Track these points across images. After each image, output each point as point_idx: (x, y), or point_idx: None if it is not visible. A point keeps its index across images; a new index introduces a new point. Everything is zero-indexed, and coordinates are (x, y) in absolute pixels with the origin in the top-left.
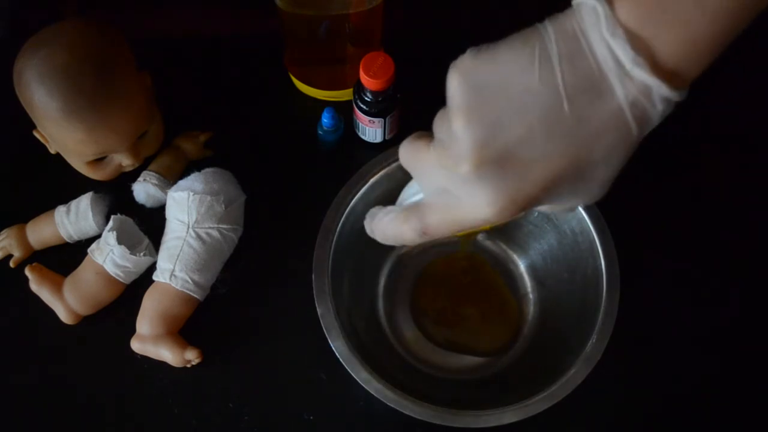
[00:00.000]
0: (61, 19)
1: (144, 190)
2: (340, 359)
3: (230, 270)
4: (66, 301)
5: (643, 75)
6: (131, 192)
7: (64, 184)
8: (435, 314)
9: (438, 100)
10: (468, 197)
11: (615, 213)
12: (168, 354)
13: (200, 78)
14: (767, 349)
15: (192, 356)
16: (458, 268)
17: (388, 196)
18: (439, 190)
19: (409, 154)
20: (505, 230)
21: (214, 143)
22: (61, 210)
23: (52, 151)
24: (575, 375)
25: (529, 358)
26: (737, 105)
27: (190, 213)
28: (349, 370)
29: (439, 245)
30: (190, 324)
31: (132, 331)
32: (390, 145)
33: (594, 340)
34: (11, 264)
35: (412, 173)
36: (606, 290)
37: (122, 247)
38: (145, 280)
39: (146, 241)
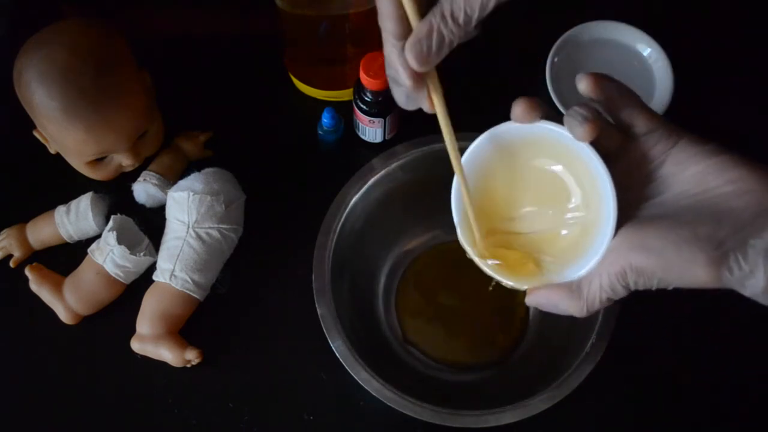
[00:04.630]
0: (61, 18)
1: (144, 190)
2: (340, 359)
3: (230, 270)
4: (66, 301)
5: None
6: (131, 192)
7: (64, 184)
8: (427, 330)
9: None
10: None
11: None
12: (168, 354)
13: (200, 78)
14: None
15: (192, 356)
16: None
17: (388, 196)
18: None
19: None
20: None
21: (214, 143)
22: (61, 210)
23: (52, 151)
24: (575, 375)
25: (530, 359)
26: (737, 105)
27: (190, 213)
28: (349, 370)
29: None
30: (190, 324)
31: (132, 331)
32: (390, 145)
33: (594, 340)
34: (11, 264)
35: None
36: None
37: (122, 247)
38: (145, 280)
39: (146, 241)
